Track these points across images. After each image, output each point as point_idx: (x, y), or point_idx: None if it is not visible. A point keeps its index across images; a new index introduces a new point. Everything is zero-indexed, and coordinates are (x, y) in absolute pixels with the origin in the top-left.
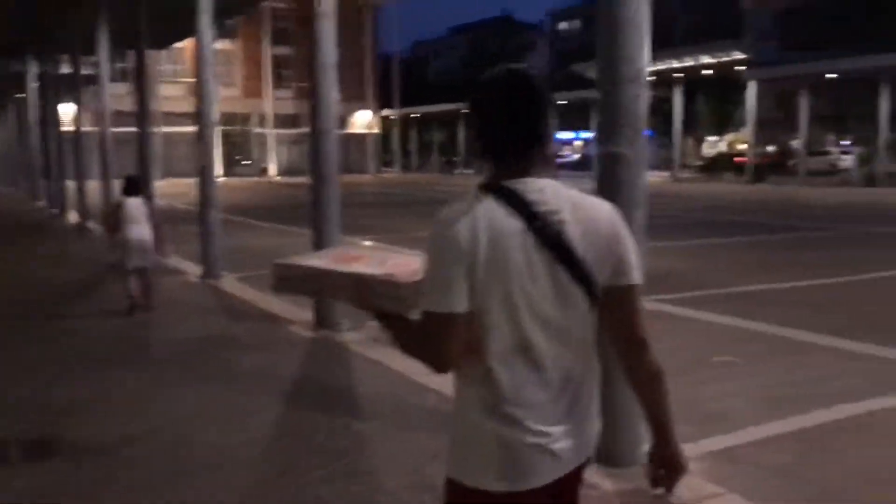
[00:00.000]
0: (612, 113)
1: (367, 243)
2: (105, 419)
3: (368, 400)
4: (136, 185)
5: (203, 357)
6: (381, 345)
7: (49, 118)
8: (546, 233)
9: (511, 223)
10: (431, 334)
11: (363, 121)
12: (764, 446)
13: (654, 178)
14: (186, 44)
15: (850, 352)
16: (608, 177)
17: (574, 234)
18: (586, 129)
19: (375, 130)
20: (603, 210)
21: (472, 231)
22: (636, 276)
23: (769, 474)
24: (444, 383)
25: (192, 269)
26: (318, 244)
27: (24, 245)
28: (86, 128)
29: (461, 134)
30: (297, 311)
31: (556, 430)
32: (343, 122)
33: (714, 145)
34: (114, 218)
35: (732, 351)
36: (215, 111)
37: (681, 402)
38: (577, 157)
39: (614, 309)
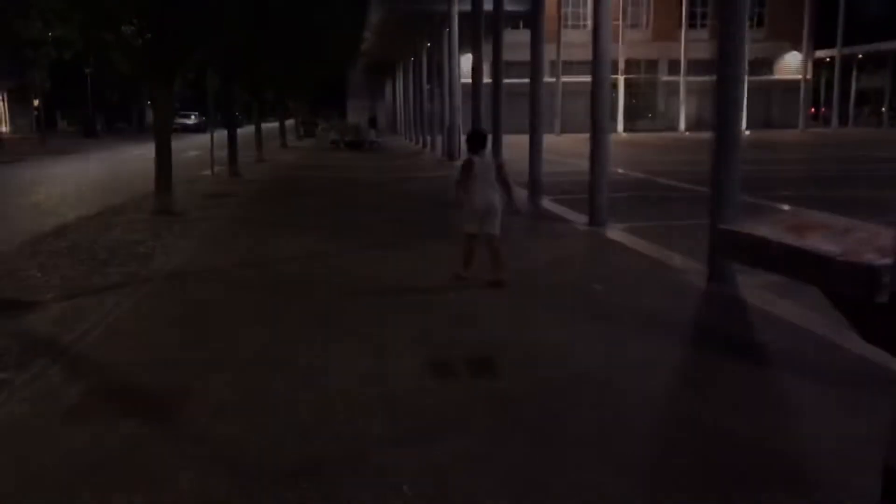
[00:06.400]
0: None
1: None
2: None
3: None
4: (483, 141)
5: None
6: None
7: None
8: None
9: None
10: None
11: (792, 65)
12: None
13: None
14: None
15: None
16: None
17: None
18: None
19: (808, 76)
20: None
21: None
22: None
23: None
24: (856, 341)
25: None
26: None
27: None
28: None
29: None
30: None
31: None
32: (766, 65)
33: None
34: (464, 178)
35: None
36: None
37: None
38: None
39: None
